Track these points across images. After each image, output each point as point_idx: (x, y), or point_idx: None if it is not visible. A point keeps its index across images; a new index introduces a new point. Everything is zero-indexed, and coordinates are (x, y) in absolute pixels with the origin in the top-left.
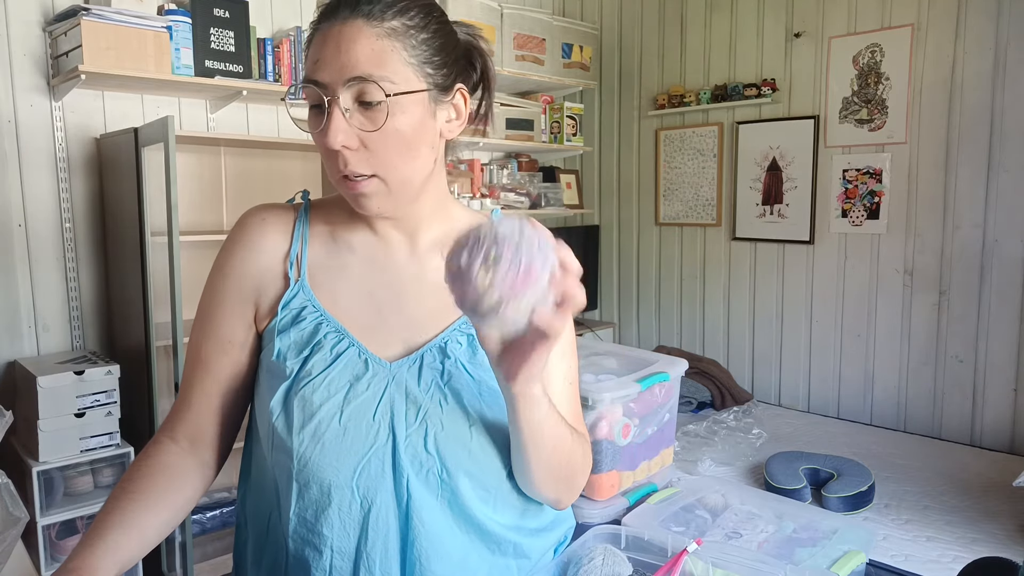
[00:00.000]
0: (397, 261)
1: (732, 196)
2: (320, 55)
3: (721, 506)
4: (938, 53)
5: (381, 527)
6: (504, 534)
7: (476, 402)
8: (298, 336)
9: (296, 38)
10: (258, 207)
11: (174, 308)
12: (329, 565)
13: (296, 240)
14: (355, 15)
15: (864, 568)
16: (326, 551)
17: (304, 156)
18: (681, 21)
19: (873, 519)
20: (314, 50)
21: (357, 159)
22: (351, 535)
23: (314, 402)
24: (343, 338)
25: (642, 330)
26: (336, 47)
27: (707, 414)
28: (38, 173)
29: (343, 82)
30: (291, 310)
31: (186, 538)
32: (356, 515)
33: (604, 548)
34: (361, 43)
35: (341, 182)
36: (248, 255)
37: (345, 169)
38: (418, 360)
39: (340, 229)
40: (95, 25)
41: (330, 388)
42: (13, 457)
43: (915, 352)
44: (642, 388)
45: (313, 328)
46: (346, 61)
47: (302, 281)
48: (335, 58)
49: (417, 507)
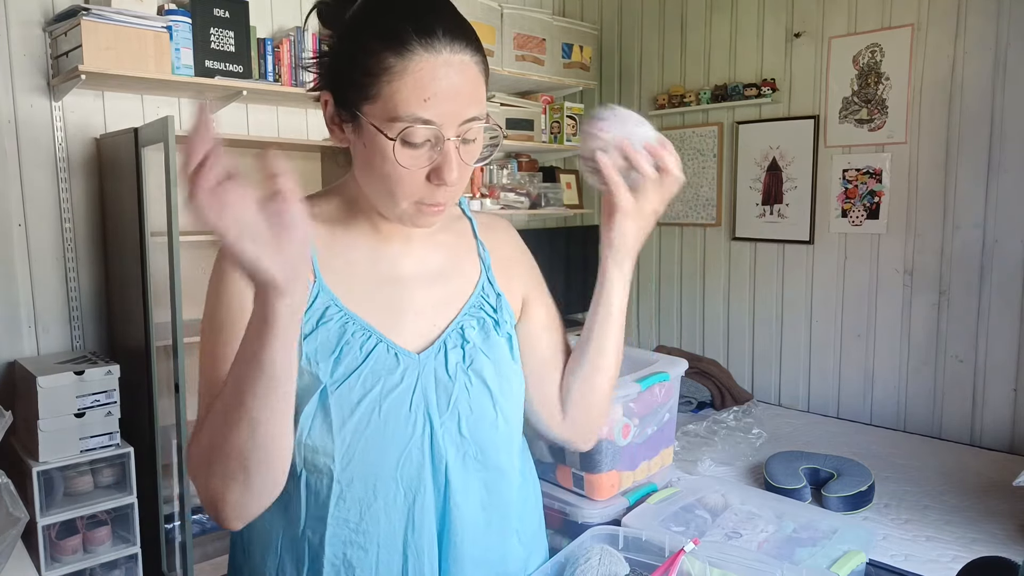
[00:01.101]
0: (396, 255)
1: (732, 196)
2: (431, 92)
3: (721, 506)
4: (938, 53)
5: (425, 515)
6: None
7: (495, 381)
8: (326, 337)
9: (296, 38)
10: None
11: (174, 308)
12: (376, 561)
13: None
14: (462, 46)
15: (864, 568)
16: (372, 548)
17: (304, 156)
18: (681, 21)
19: (873, 519)
20: (419, 88)
21: (454, 189)
22: (397, 528)
23: (352, 399)
24: (370, 335)
25: (642, 330)
26: (451, 84)
27: (707, 414)
28: (38, 173)
29: (460, 122)
30: (315, 311)
31: (186, 538)
32: (401, 507)
33: (601, 548)
34: (472, 80)
35: (415, 206)
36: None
37: (444, 200)
38: (442, 348)
39: (338, 227)
40: (95, 25)
41: (365, 384)
42: (13, 457)
43: (915, 352)
44: (642, 388)
45: (340, 328)
46: (465, 101)
47: (319, 281)
48: (451, 97)
49: (454, 491)
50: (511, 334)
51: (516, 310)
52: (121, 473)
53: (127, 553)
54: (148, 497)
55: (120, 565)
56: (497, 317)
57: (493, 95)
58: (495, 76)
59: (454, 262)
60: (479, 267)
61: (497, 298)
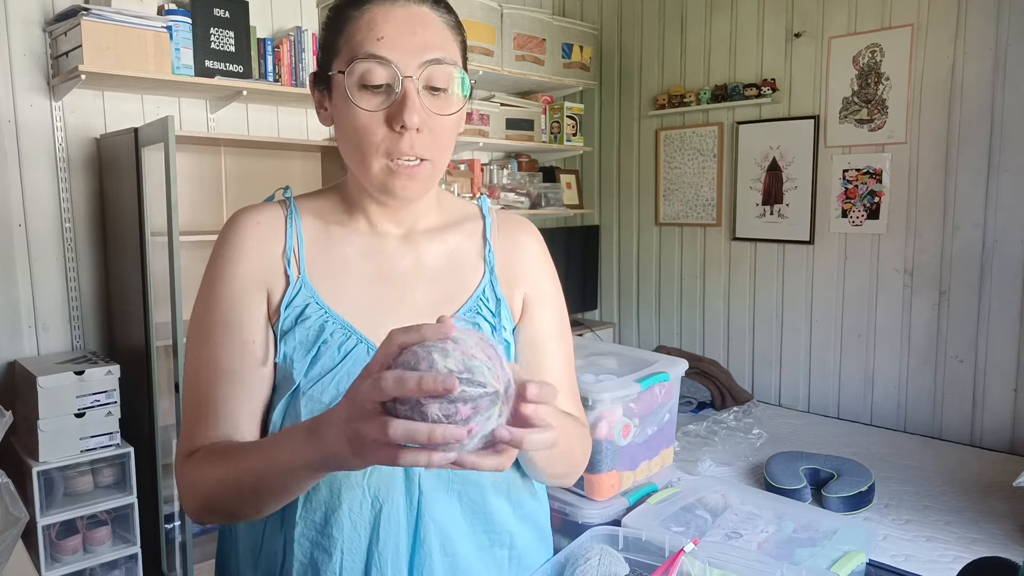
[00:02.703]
0: (393, 253)
1: (732, 196)
2: (385, 32)
3: (721, 506)
4: (938, 53)
5: (392, 526)
6: (506, 522)
7: None
8: (304, 335)
9: (296, 38)
10: (246, 210)
11: (174, 308)
12: (340, 567)
13: (290, 237)
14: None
15: (864, 568)
16: (336, 553)
17: (304, 156)
18: (681, 21)
19: (873, 519)
20: (372, 28)
21: (422, 142)
22: (362, 536)
23: (323, 401)
24: (350, 335)
25: (642, 330)
26: (408, 26)
27: (707, 414)
28: (38, 173)
29: (419, 63)
30: (294, 308)
31: (186, 538)
32: (367, 515)
33: (601, 548)
34: (434, 28)
35: (386, 167)
36: (250, 257)
37: (410, 151)
38: None
39: (333, 224)
40: (95, 25)
41: (339, 387)
42: (13, 457)
43: (915, 352)
44: (642, 388)
45: (319, 326)
46: (421, 42)
47: (303, 278)
48: (407, 37)
49: (428, 503)
50: (508, 341)
51: (516, 316)
52: (121, 473)
53: (127, 553)
54: (148, 497)
55: (120, 565)
56: (495, 322)
57: (493, 95)
58: (495, 76)
59: (457, 262)
60: (483, 269)
61: (497, 303)
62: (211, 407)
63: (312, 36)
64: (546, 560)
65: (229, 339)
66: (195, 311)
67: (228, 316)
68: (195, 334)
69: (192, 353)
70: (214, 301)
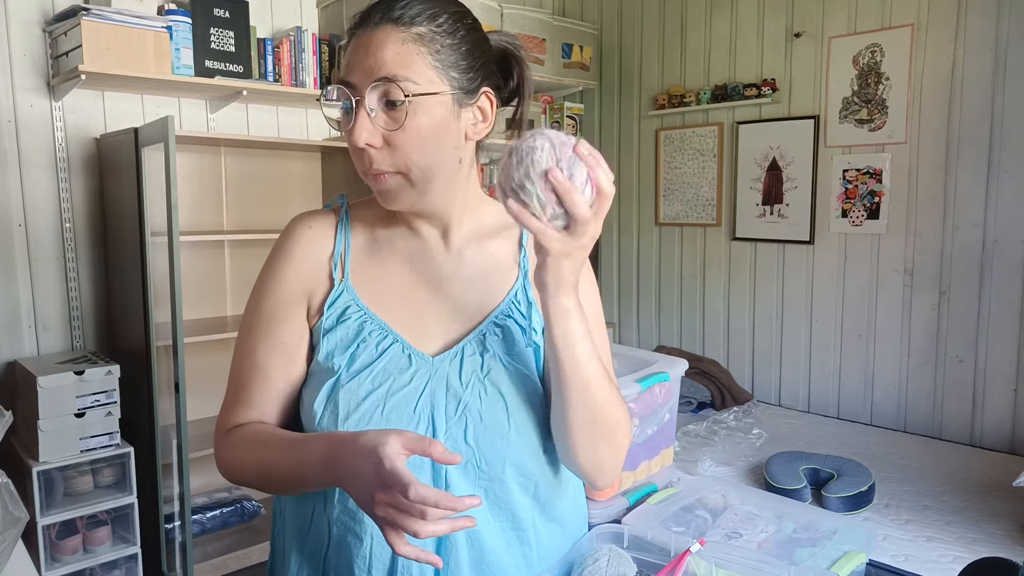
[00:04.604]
0: (434, 258)
1: (732, 196)
2: (351, 58)
3: (721, 506)
4: (938, 53)
5: None
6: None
7: (513, 392)
8: (344, 334)
9: (296, 38)
10: (303, 215)
11: (174, 308)
12: (369, 552)
13: (339, 242)
14: (385, 20)
15: (864, 568)
16: (366, 539)
17: (304, 156)
18: (681, 21)
19: (873, 519)
20: (348, 54)
21: (380, 157)
22: None
23: (359, 394)
24: (387, 335)
25: (642, 330)
26: (366, 50)
27: (707, 414)
28: (38, 173)
29: (370, 83)
30: (336, 309)
31: (186, 538)
32: None
33: (609, 548)
34: (388, 47)
35: (368, 178)
36: (297, 262)
37: (370, 167)
38: (459, 354)
39: (379, 229)
40: (95, 25)
41: (375, 381)
42: (13, 457)
43: (915, 352)
44: (642, 388)
45: (358, 326)
46: (373, 64)
47: (346, 282)
48: (364, 61)
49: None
50: (538, 344)
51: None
52: (121, 473)
53: (127, 553)
54: (148, 497)
55: (120, 565)
56: (525, 324)
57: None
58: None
59: (493, 267)
60: (517, 273)
61: (529, 306)
62: (243, 394)
63: (312, 36)
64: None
65: (265, 337)
66: (248, 303)
67: (269, 315)
68: (244, 324)
69: (239, 340)
70: (262, 299)
